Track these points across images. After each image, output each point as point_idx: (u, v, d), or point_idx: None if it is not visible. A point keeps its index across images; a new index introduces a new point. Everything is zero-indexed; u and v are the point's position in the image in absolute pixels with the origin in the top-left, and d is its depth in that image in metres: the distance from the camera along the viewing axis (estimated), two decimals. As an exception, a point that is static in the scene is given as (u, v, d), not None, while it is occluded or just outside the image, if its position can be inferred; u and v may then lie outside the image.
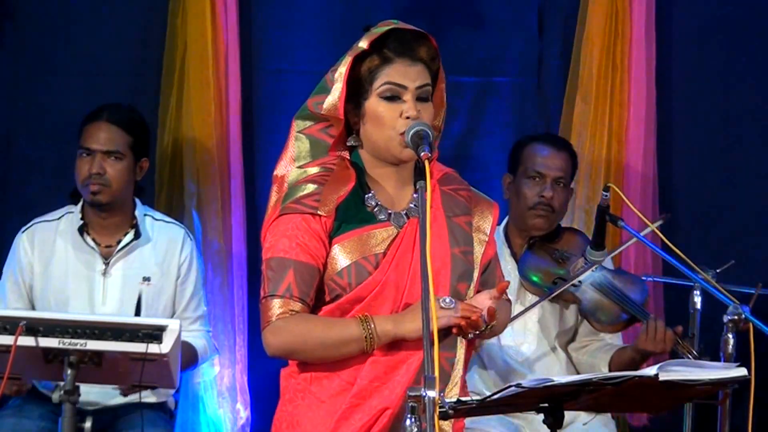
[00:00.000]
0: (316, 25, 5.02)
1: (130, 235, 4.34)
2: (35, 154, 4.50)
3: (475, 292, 3.31)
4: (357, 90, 3.27)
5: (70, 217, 4.37)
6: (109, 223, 4.34)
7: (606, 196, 4.08)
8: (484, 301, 3.20)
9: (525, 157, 4.43)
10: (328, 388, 3.24)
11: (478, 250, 3.33)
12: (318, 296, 3.27)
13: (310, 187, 3.25)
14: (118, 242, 4.33)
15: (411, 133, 3.16)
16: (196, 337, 4.40)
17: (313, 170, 3.28)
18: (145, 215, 4.40)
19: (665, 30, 5.05)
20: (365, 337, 3.17)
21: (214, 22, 4.88)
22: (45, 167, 4.85)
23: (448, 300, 3.15)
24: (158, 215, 4.46)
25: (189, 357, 4.32)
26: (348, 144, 3.32)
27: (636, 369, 4.26)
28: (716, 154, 5.11)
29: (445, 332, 3.16)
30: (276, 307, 3.19)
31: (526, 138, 4.54)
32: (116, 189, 4.30)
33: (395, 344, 3.20)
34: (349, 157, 3.32)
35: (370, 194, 3.29)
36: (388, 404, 3.19)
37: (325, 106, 3.25)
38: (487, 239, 3.35)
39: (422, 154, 3.06)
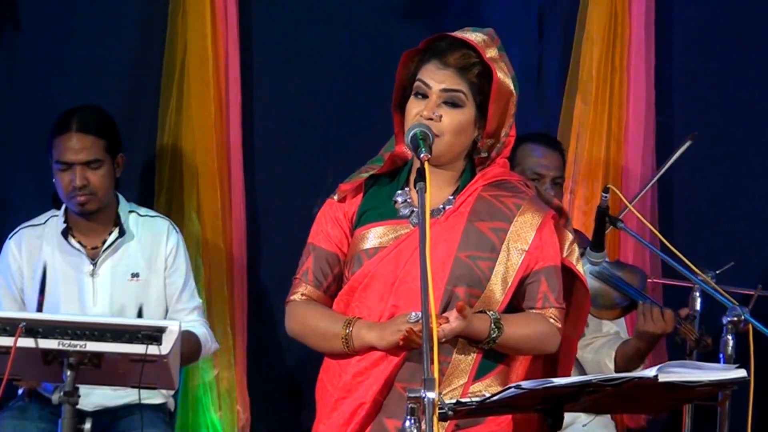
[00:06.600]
0: (316, 25, 5.02)
1: (115, 234, 4.33)
2: (35, 156, 4.48)
3: (506, 303, 3.27)
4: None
5: (54, 221, 4.37)
6: (93, 224, 4.33)
7: (605, 197, 4.07)
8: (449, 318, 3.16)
9: (520, 158, 4.41)
10: (330, 376, 3.32)
11: (505, 259, 3.27)
12: (340, 285, 3.35)
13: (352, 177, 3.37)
14: (104, 242, 4.33)
15: (410, 135, 3.17)
16: (195, 326, 4.34)
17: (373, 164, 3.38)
18: (129, 212, 4.39)
19: (665, 31, 5.04)
20: (343, 338, 3.23)
21: (214, 22, 4.87)
22: (44, 168, 4.84)
23: (413, 315, 3.14)
24: (143, 210, 4.45)
25: (192, 345, 4.26)
26: None
27: (641, 358, 4.28)
28: (716, 155, 5.10)
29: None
30: (294, 288, 3.35)
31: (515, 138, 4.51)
32: (102, 195, 4.29)
33: None
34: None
35: (403, 190, 3.32)
36: (364, 399, 3.24)
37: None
38: (526, 249, 3.27)
39: (422, 155, 3.08)
